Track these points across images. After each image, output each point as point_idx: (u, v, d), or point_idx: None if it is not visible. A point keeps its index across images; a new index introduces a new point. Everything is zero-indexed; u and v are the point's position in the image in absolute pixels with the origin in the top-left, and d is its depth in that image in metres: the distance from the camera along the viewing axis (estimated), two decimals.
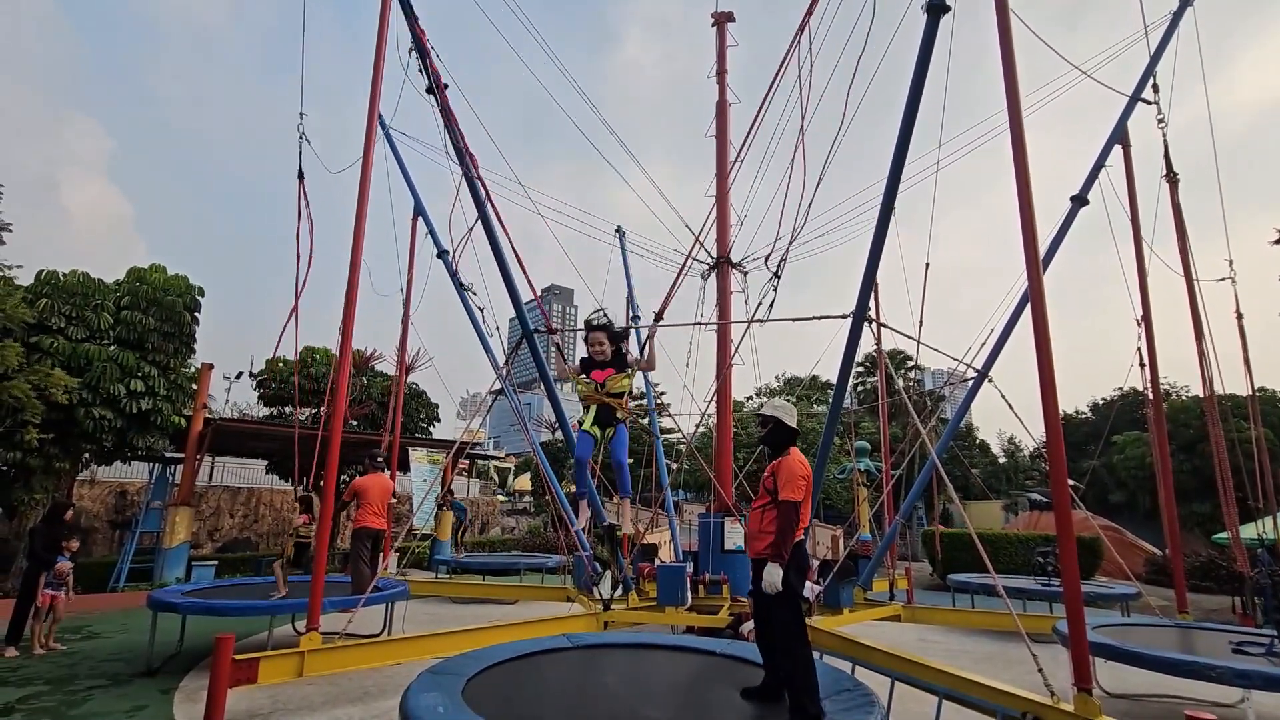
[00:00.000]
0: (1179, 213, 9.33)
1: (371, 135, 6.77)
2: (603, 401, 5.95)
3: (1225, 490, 9.53)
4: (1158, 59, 9.13)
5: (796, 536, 3.91)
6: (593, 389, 5.98)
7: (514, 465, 52.06)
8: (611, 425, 5.99)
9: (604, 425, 5.99)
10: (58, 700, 5.88)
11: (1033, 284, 4.72)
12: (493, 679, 4.28)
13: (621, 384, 6.02)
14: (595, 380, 5.99)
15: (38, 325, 11.34)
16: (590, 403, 6.04)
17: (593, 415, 6.00)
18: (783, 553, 3.82)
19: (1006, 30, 4.91)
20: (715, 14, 12.02)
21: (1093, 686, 4.16)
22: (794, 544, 3.89)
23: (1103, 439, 22.91)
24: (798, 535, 3.93)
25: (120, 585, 12.65)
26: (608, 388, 5.96)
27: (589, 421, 6.00)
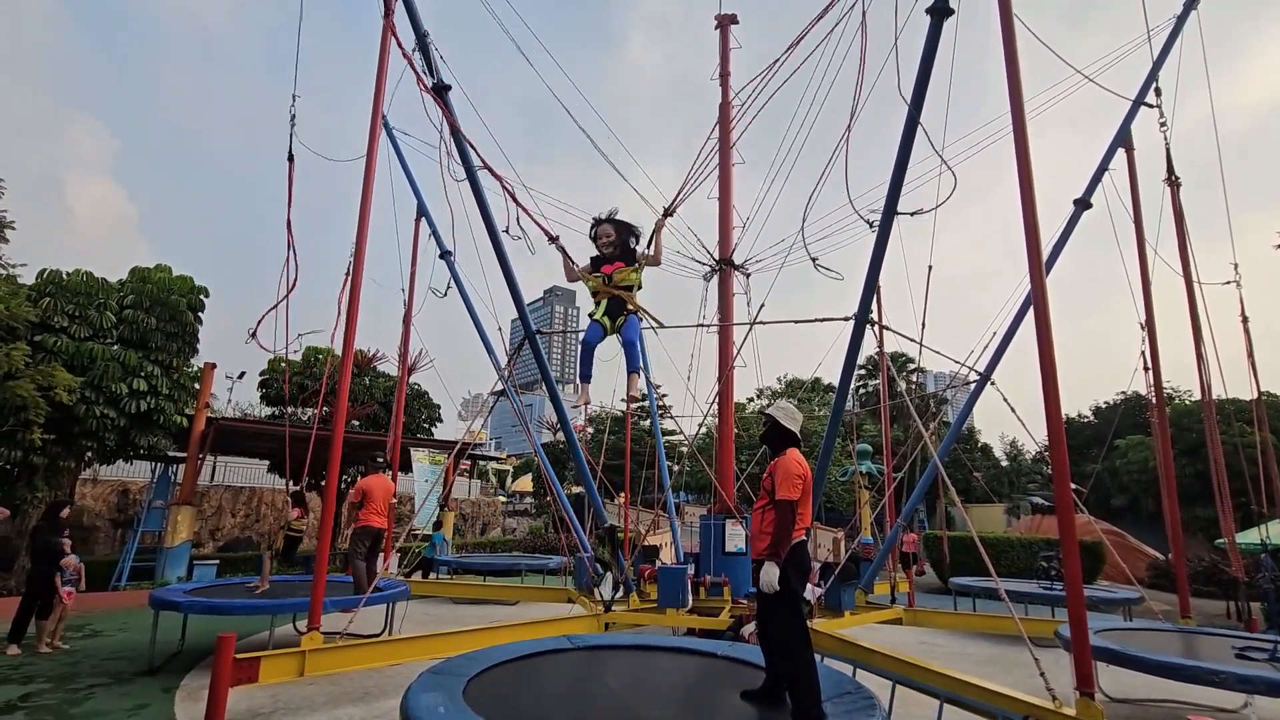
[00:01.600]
0: (1180, 216, 9.31)
1: (375, 135, 6.78)
2: (612, 294, 6.11)
3: (1222, 495, 9.50)
4: (1161, 63, 9.12)
5: (797, 537, 3.89)
6: (602, 282, 6.15)
7: (513, 466, 52.06)
8: (622, 316, 6.15)
9: (614, 316, 6.15)
10: (60, 698, 5.89)
11: (1035, 287, 4.72)
12: (494, 680, 4.28)
13: (630, 277, 6.19)
14: (605, 274, 6.15)
15: (41, 324, 11.38)
16: (601, 296, 6.21)
17: (603, 307, 6.17)
18: (779, 552, 3.80)
19: (1010, 34, 4.91)
20: (718, 16, 12.03)
21: (1095, 690, 4.15)
22: (794, 545, 3.87)
23: (1106, 443, 22.82)
24: (798, 536, 3.90)
25: (122, 584, 12.67)
26: (616, 280, 6.12)
27: (599, 312, 6.17)
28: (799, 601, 3.91)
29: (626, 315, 6.13)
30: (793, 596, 3.85)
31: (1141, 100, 9.10)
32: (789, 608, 3.85)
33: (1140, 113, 9.17)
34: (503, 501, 36.66)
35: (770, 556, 3.82)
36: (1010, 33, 4.90)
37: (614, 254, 6.16)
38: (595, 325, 6.15)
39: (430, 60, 7.01)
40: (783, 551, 3.80)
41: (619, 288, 6.10)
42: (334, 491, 6.69)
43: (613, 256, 6.16)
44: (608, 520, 10.03)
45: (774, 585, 3.76)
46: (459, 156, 7.07)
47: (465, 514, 26.93)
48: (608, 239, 6.12)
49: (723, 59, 11.80)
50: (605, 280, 6.12)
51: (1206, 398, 9.48)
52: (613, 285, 6.10)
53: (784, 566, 3.79)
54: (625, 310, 6.12)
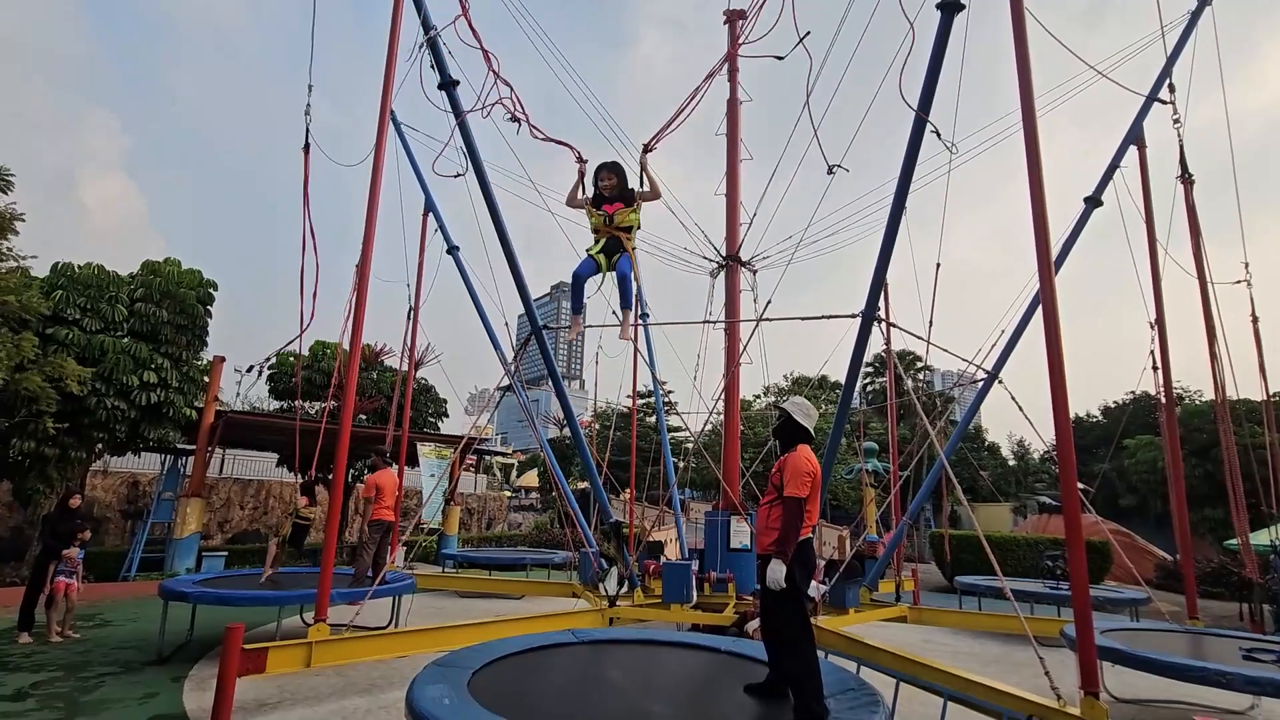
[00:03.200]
0: (1194, 214, 9.22)
1: (383, 130, 6.79)
2: (612, 234, 6.41)
3: (1235, 496, 9.43)
4: (1174, 59, 9.03)
5: (804, 534, 3.89)
6: (603, 220, 6.43)
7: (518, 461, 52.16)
8: (617, 254, 6.44)
9: (610, 254, 6.45)
10: (70, 686, 5.96)
11: (1045, 285, 4.69)
12: (498, 672, 4.30)
13: (630, 218, 6.46)
14: (606, 213, 6.42)
15: (53, 317, 11.48)
16: (601, 235, 6.48)
17: (600, 245, 6.45)
18: (786, 549, 3.79)
19: (1021, 29, 4.87)
20: (727, 11, 11.97)
21: (1100, 691, 4.14)
22: (800, 542, 3.86)
23: (1114, 442, 22.72)
24: (805, 533, 3.90)
25: (132, 574, 12.80)
26: (617, 221, 6.41)
27: (596, 249, 6.45)
28: (804, 598, 3.90)
29: (622, 254, 6.41)
30: (796, 592, 3.84)
31: (1155, 96, 9.01)
32: (794, 604, 3.85)
33: (1153, 112, 9.09)
34: (508, 496, 36.77)
35: (777, 553, 3.81)
36: (1021, 27, 4.86)
37: (614, 196, 6.44)
38: (589, 260, 6.45)
39: (439, 57, 7.02)
40: (789, 548, 3.79)
41: (619, 228, 6.41)
42: (341, 484, 6.74)
43: (613, 199, 6.44)
44: (613, 516, 10.05)
45: (780, 582, 3.75)
46: (467, 152, 7.10)
47: (471, 509, 27.03)
48: (609, 183, 6.41)
49: (730, 55, 11.74)
50: (607, 220, 6.42)
51: (1220, 398, 9.40)
52: (614, 226, 6.41)
53: (790, 563, 3.79)
54: (621, 249, 6.42)
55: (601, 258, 6.43)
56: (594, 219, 6.55)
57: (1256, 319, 10.14)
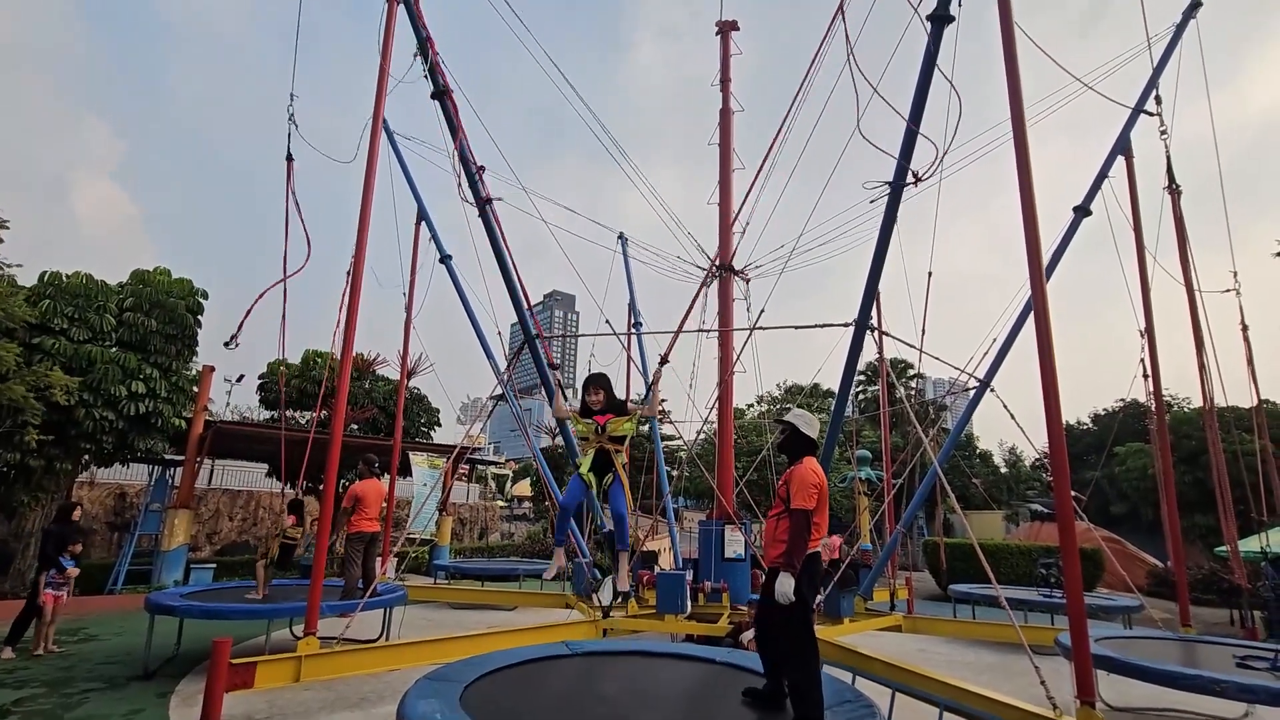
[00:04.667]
0: (1181, 224, 9.33)
1: (376, 139, 6.79)
2: (603, 446, 5.74)
3: (1224, 503, 9.48)
4: (1160, 72, 9.16)
5: (813, 546, 3.86)
6: (593, 430, 5.77)
7: (511, 471, 51.93)
8: (610, 473, 5.74)
9: (601, 473, 5.76)
10: (54, 703, 5.85)
11: (1036, 293, 4.72)
12: (491, 686, 4.25)
13: (624, 427, 5.81)
14: (597, 423, 5.76)
15: (40, 326, 11.36)
16: (590, 446, 5.82)
17: (589, 461, 5.78)
18: (794, 561, 3.77)
19: (1010, 41, 4.93)
20: (720, 22, 12.07)
21: (1095, 699, 4.14)
22: (807, 555, 3.84)
23: (1105, 450, 22.81)
24: (814, 545, 3.88)
25: (118, 587, 12.62)
26: (609, 431, 5.73)
27: (585, 466, 5.77)
28: (810, 611, 3.88)
29: (614, 475, 5.74)
30: (805, 606, 3.81)
31: (1141, 108, 9.13)
32: (801, 616, 3.82)
33: (1141, 122, 9.21)
34: (501, 506, 36.56)
35: (785, 566, 3.78)
36: (1010, 40, 4.91)
37: (602, 410, 5.83)
38: (578, 483, 5.76)
39: (432, 65, 7.03)
40: (797, 561, 3.77)
41: (611, 439, 5.75)
42: (332, 495, 6.67)
43: (603, 412, 5.83)
44: (606, 526, 10.00)
45: (789, 596, 3.72)
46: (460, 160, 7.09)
47: (464, 518, 26.85)
48: (597, 399, 5.81)
49: (723, 65, 11.84)
50: (598, 430, 5.74)
51: (1209, 405, 9.47)
52: (605, 436, 5.74)
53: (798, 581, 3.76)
54: (613, 467, 5.74)
55: (591, 477, 5.75)
56: (580, 427, 5.91)
57: (1246, 327, 10.23)
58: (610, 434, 5.73)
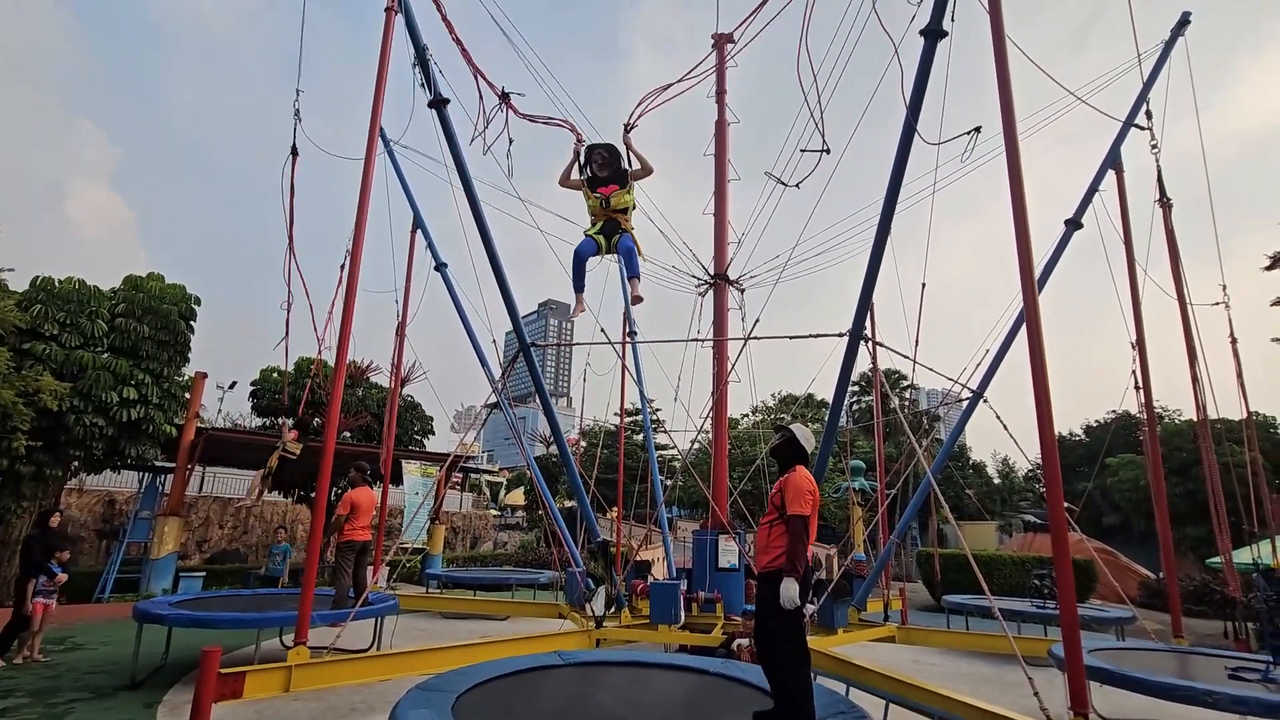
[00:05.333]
0: (1172, 237, 9.42)
1: (372, 147, 6.80)
2: (609, 216, 6.63)
3: (1218, 514, 9.53)
4: (1150, 86, 9.28)
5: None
6: (600, 204, 6.63)
7: (505, 479, 51.73)
8: (616, 235, 6.62)
9: (609, 235, 6.63)
10: (38, 713, 5.77)
11: (1028, 305, 4.75)
12: (483, 696, 4.22)
13: (625, 199, 6.63)
14: (602, 195, 6.59)
15: (30, 331, 11.28)
16: (598, 218, 6.68)
17: (598, 226, 6.66)
18: (797, 565, 3.79)
19: (1002, 55, 4.98)
20: (715, 35, 12.16)
21: (1089, 711, 4.13)
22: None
23: (1097, 461, 22.92)
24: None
25: (106, 596, 12.48)
26: (613, 203, 6.60)
27: (595, 230, 6.64)
28: (802, 618, 3.91)
29: (621, 234, 6.59)
30: (796, 611, 3.84)
31: (1131, 122, 9.24)
32: (792, 622, 3.85)
33: (1132, 136, 9.31)
34: (494, 515, 36.37)
35: (788, 571, 3.80)
36: (1003, 54, 4.97)
37: (608, 177, 6.59)
38: (590, 240, 6.61)
39: (429, 74, 7.06)
40: (800, 565, 3.79)
41: (616, 210, 6.60)
42: (324, 502, 6.63)
43: (607, 180, 6.59)
44: (600, 535, 9.96)
45: (795, 600, 3.74)
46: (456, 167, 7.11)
47: (456, 527, 26.71)
48: (602, 162, 6.58)
49: (719, 77, 11.92)
50: (603, 203, 6.59)
51: (1201, 417, 9.53)
52: (610, 209, 6.60)
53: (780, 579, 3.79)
54: (620, 229, 6.60)
55: (601, 239, 6.60)
56: (590, 201, 6.71)
57: (1235, 339, 10.31)
58: (614, 206, 6.61)
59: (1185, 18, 9.34)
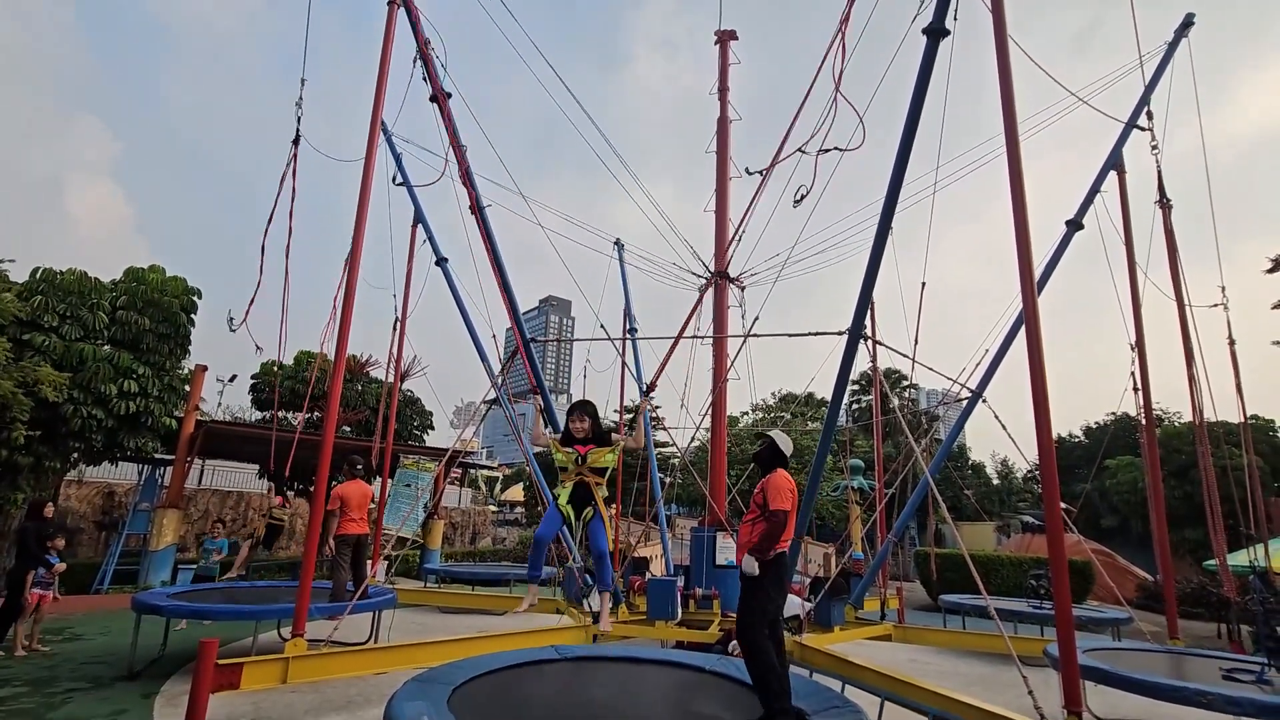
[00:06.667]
0: (1171, 237, 9.42)
1: (374, 141, 6.80)
2: (583, 479, 5.61)
3: (1214, 516, 9.54)
4: (1153, 87, 9.27)
5: (781, 546, 4.12)
6: (574, 460, 5.63)
7: (503, 475, 51.77)
8: (590, 506, 5.60)
9: (580, 505, 5.61)
10: (36, 702, 5.79)
11: (1028, 306, 4.76)
12: (480, 689, 4.24)
13: (605, 459, 5.68)
14: (578, 452, 5.64)
15: (30, 323, 11.29)
16: (568, 478, 5.66)
17: (568, 492, 5.63)
18: (763, 550, 4.03)
19: (1005, 55, 4.98)
20: (718, 32, 12.14)
21: (1083, 710, 4.15)
22: (777, 554, 4.10)
23: (1095, 463, 22.92)
24: (782, 546, 4.13)
25: (105, 587, 12.51)
26: (590, 461, 5.61)
27: (563, 498, 5.61)
28: (768, 604, 4.07)
29: (594, 509, 5.62)
30: (764, 598, 4.04)
31: (1133, 123, 9.23)
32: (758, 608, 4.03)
33: (1134, 137, 9.30)
34: (493, 511, 36.43)
35: (754, 551, 4.07)
36: (1005, 54, 4.97)
37: (586, 439, 5.75)
38: (555, 514, 5.65)
39: (431, 69, 7.06)
40: (766, 551, 4.03)
41: (592, 470, 5.64)
42: (322, 496, 6.65)
43: (585, 441, 5.74)
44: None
45: (754, 570, 4.03)
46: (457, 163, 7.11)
47: (455, 523, 26.74)
48: (581, 425, 5.71)
49: (721, 74, 11.91)
50: (579, 460, 5.62)
51: (1198, 420, 9.54)
52: (585, 467, 5.62)
53: (765, 574, 4.02)
54: (593, 500, 5.62)
55: (570, 510, 5.61)
56: (561, 457, 5.72)
57: (1233, 342, 10.31)
58: (591, 465, 5.62)
59: (1189, 19, 9.34)
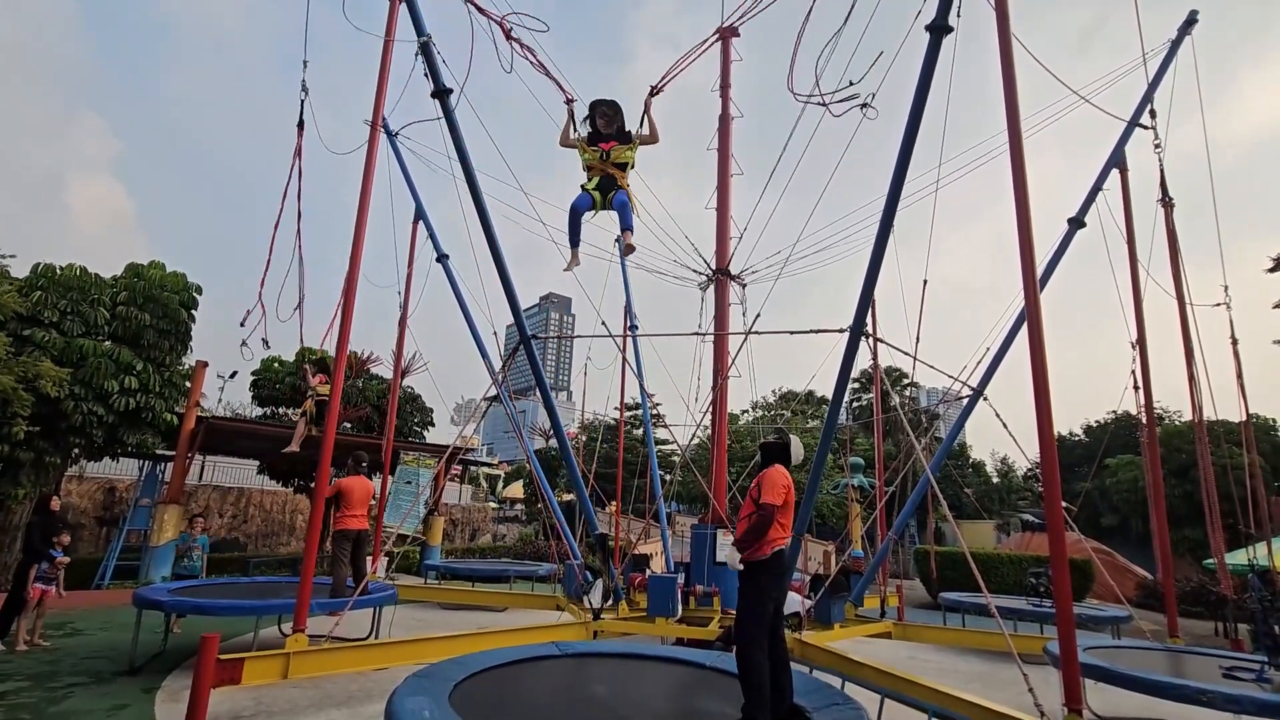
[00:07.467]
0: (1174, 237, 9.40)
1: (375, 137, 6.79)
2: (607, 170, 6.41)
3: (1212, 515, 9.55)
4: (1155, 86, 9.25)
5: (779, 544, 4.08)
6: (598, 157, 6.42)
7: (504, 472, 51.78)
8: (612, 191, 6.40)
9: (605, 191, 6.42)
10: (38, 697, 5.80)
11: (1030, 304, 4.75)
12: (480, 685, 4.25)
13: (625, 154, 6.43)
14: (601, 149, 6.40)
15: (30, 318, 11.28)
16: (595, 172, 6.46)
17: (595, 181, 6.44)
18: (747, 543, 4.06)
19: (1008, 53, 4.97)
20: (719, 28, 12.11)
21: (1083, 708, 4.16)
22: (774, 552, 4.05)
23: (1096, 462, 22.93)
24: (780, 543, 4.09)
25: (106, 582, 12.53)
26: (613, 157, 6.39)
27: (591, 185, 6.43)
28: (765, 602, 4.03)
29: (617, 190, 6.42)
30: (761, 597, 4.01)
31: (1136, 122, 9.21)
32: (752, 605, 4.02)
33: (1137, 136, 9.28)
34: (493, 508, 36.45)
35: (737, 544, 4.11)
36: (1008, 52, 4.96)
37: (610, 134, 6.44)
38: (585, 195, 6.44)
39: (433, 64, 7.04)
40: (750, 543, 4.04)
41: (615, 164, 6.40)
42: (323, 494, 6.65)
43: (609, 136, 6.44)
44: (598, 528, 9.99)
45: (736, 565, 4.07)
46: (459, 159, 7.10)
47: (455, 520, 26.78)
48: (606, 119, 6.40)
49: (723, 71, 11.88)
50: (602, 156, 6.40)
51: (1198, 418, 9.53)
52: (609, 161, 6.40)
53: (758, 569, 4.00)
54: (617, 186, 6.42)
55: (596, 195, 6.43)
56: (588, 155, 6.53)
57: (1235, 341, 10.30)
58: (614, 160, 6.41)
59: (1193, 16, 9.31)
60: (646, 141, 6.76)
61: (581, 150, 6.60)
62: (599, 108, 6.45)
